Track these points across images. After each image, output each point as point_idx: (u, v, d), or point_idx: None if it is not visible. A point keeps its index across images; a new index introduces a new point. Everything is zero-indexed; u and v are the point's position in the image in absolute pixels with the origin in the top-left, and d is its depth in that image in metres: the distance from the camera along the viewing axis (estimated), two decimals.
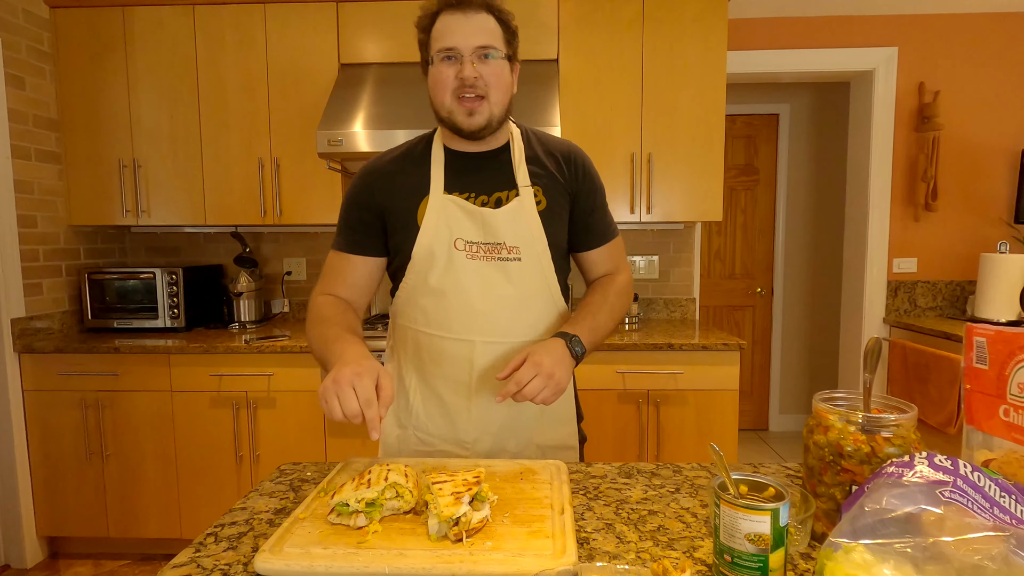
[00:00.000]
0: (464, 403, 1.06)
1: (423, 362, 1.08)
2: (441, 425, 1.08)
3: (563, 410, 1.13)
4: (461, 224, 1.01)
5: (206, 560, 0.70)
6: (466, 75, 0.94)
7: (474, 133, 0.99)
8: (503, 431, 1.08)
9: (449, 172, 1.04)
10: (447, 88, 0.97)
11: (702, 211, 2.38)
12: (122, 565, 2.29)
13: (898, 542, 0.53)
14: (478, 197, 1.03)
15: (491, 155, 1.06)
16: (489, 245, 1.01)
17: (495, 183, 1.04)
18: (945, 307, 2.86)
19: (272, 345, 2.16)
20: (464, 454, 1.08)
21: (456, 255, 1.01)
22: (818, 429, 0.73)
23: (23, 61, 2.27)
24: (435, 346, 1.05)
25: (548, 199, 1.05)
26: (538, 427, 1.11)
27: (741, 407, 3.71)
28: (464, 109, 0.97)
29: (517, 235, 1.02)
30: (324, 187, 2.41)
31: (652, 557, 0.70)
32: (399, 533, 0.73)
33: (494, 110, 0.99)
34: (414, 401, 1.10)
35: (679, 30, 2.32)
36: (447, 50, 0.96)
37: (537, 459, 1.10)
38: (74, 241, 2.52)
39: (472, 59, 0.95)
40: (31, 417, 2.23)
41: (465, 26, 0.94)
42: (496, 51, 0.97)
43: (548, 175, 1.06)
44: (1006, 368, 0.69)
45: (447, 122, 1.00)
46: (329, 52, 2.37)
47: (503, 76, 0.98)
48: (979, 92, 2.76)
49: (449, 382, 1.06)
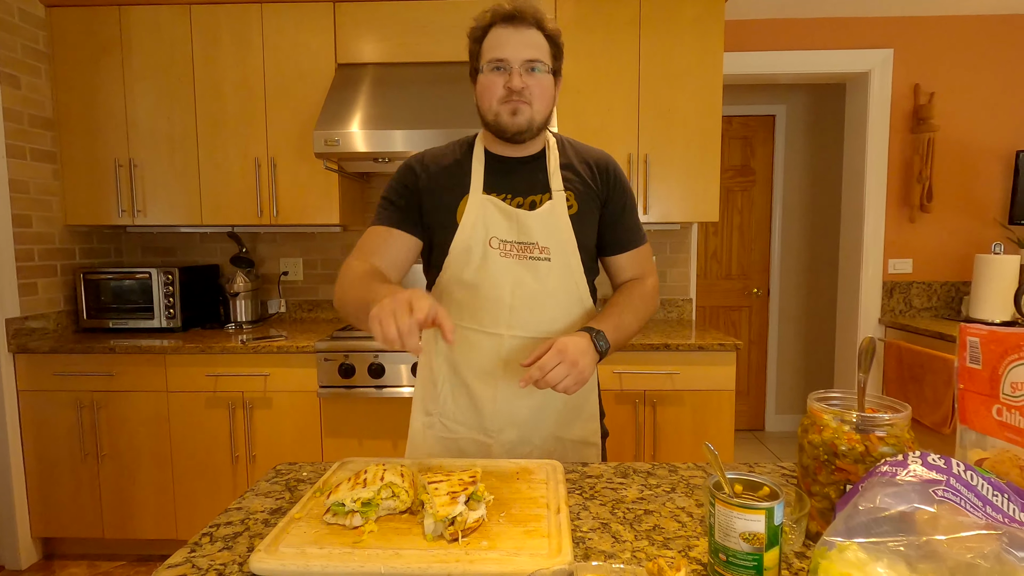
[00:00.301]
0: (491, 393, 1.09)
1: (454, 353, 1.11)
2: (468, 414, 1.12)
3: (587, 406, 1.17)
4: (497, 223, 1.06)
5: (201, 560, 0.70)
6: (514, 84, 1.01)
7: (516, 134, 1.05)
8: (528, 423, 1.11)
9: (488, 174, 1.10)
10: (494, 95, 1.03)
11: (699, 212, 2.39)
12: (117, 566, 2.28)
13: (892, 541, 0.53)
14: (514, 199, 1.08)
15: (528, 160, 1.11)
16: (522, 244, 1.07)
17: (530, 186, 1.09)
18: (940, 308, 2.87)
19: (268, 345, 2.16)
20: (488, 443, 1.11)
21: (490, 252, 1.06)
22: (813, 428, 0.74)
23: (19, 60, 2.26)
24: (466, 338, 1.09)
25: (579, 204, 1.10)
26: (563, 422, 1.14)
27: (737, 407, 3.72)
28: (509, 108, 1.03)
29: (548, 236, 1.07)
30: (321, 187, 2.41)
31: (648, 556, 0.70)
32: (395, 533, 0.73)
33: (536, 116, 1.05)
34: (442, 390, 1.13)
35: (676, 32, 2.32)
36: (497, 60, 1.02)
37: (560, 454, 1.13)
38: (70, 241, 2.51)
39: (520, 70, 1.01)
40: (26, 417, 2.22)
41: (516, 39, 1.01)
42: (543, 64, 1.03)
43: (580, 181, 1.11)
44: (999, 368, 0.69)
45: (492, 125, 1.06)
46: (326, 52, 2.37)
47: (547, 88, 1.05)
48: (974, 94, 2.77)
49: (477, 373, 1.10)
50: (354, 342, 2.14)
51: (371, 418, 2.16)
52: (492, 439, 1.11)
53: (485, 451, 1.12)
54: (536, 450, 1.13)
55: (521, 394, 1.09)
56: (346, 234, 2.79)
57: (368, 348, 2.13)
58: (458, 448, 1.13)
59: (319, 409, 2.17)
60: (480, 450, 1.12)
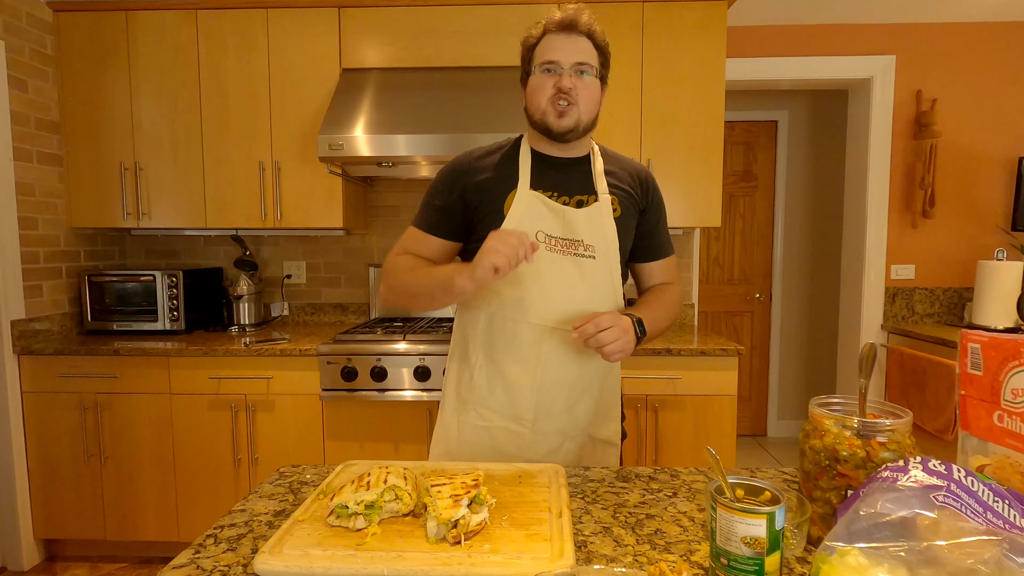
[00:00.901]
0: (529, 382, 1.11)
1: (493, 342, 1.13)
2: (503, 402, 1.13)
3: (615, 408, 1.20)
4: (544, 218, 1.10)
5: (206, 561, 0.71)
6: (563, 84, 1.06)
7: (562, 134, 1.09)
8: (563, 416, 1.13)
9: (535, 171, 1.13)
10: (545, 94, 1.07)
11: (701, 217, 2.39)
12: (119, 568, 2.28)
13: (893, 546, 0.53)
14: (560, 197, 1.12)
15: (574, 162, 1.15)
16: (568, 241, 1.10)
17: (577, 187, 1.13)
18: (943, 314, 2.87)
19: (271, 348, 2.16)
20: (522, 432, 1.12)
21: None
22: (814, 434, 0.74)
23: (26, 64, 2.28)
24: (508, 328, 1.11)
25: (622, 208, 1.15)
26: (594, 420, 1.16)
27: (739, 413, 3.71)
28: (556, 111, 1.07)
29: (593, 235, 1.11)
30: (325, 191, 2.42)
31: (649, 560, 0.70)
32: (398, 535, 0.73)
33: (582, 117, 1.09)
34: (478, 378, 1.14)
35: (679, 37, 2.33)
36: (549, 63, 1.07)
37: (590, 451, 1.16)
38: (74, 243, 2.52)
39: (570, 72, 1.06)
40: (30, 419, 2.23)
41: (568, 44, 1.07)
42: (592, 69, 1.08)
43: (623, 189, 1.16)
44: (1000, 374, 0.69)
45: (539, 124, 1.10)
46: (330, 57, 2.39)
47: (594, 91, 1.10)
48: (976, 100, 2.78)
49: (517, 363, 1.11)
50: (357, 345, 2.14)
51: (373, 421, 2.17)
52: (526, 428, 1.12)
53: (518, 440, 1.12)
54: (569, 442, 1.14)
55: (558, 385, 1.10)
56: (349, 238, 2.80)
57: (371, 352, 2.13)
58: (490, 436, 1.13)
59: (321, 412, 2.18)
60: (513, 439, 1.12)
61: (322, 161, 2.22)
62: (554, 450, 1.13)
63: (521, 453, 1.11)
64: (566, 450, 1.14)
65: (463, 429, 1.15)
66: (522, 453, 1.11)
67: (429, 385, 2.13)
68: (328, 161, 2.23)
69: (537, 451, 1.12)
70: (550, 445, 1.12)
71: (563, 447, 1.13)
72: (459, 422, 1.16)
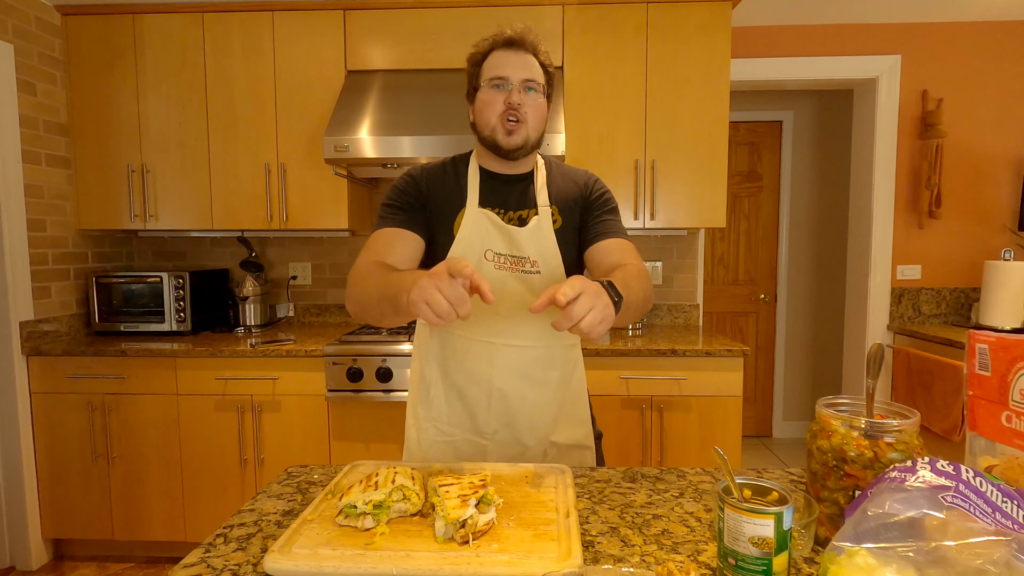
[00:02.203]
0: (484, 397, 1.13)
1: (447, 359, 1.15)
2: (462, 417, 1.15)
3: (578, 412, 1.20)
4: (492, 237, 1.11)
5: (216, 560, 0.71)
6: (513, 100, 1.07)
7: (511, 152, 1.10)
8: (521, 426, 1.14)
9: (483, 188, 1.15)
10: (495, 110, 1.09)
11: (706, 218, 2.39)
12: (126, 568, 2.30)
13: (901, 546, 0.54)
14: (506, 213, 1.13)
15: (519, 178, 1.17)
16: (515, 258, 1.11)
17: (520, 202, 1.15)
18: (949, 314, 2.86)
19: (277, 349, 2.17)
20: (484, 443, 1.14)
21: (485, 264, 1.10)
22: (821, 434, 0.74)
23: (35, 67, 2.30)
24: (460, 346, 1.13)
25: (563, 218, 1.15)
26: (556, 427, 1.17)
27: (745, 414, 3.70)
28: (505, 129, 1.09)
29: (536, 251, 1.12)
30: (330, 193, 2.43)
31: (657, 560, 0.70)
32: (406, 535, 0.73)
33: (531, 135, 1.10)
34: (435, 395, 1.16)
35: (683, 38, 2.33)
36: (498, 79, 1.08)
37: (554, 457, 1.16)
38: (82, 245, 2.54)
39: (519, 88, 1.08)
40: (38, 419, 2.25)
41: (515, 60, 1.08)
42: (539, 86, 1.10)
43: (564, 195, 1.17)
44: (1008, 375, 0.69)
45: (488, 140, 1.11)
46: (336, 59, 2.40)
47: (541, 108, 1.12)
48: (982, 100, 2.76)
49: (471, 378, 1.13)
50: (362, 346, 2.15)
51: (379, 422, 2.17)
52: (487, 440, 1.15)
53: (481, 452, 1.15)
54: (529, 451, 1.15)
55: (513, 399, 1.12)
56: (354, 239, 2.81)
57: (376, 352, 2.14)
58: (454, 448, 1.16)
59: (327, 413, 2.19)
60: (476, 451, 1.15)
61: (328, 163, 2.23)
62: (515, 458, 1.14)
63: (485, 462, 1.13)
64: (527, 458, 1.15)
65: (425, 446, 1.17)
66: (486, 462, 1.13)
67: None
68: (334, 163, 2.24)
69: (499, 460, 1.14)
70: (511, 453, 1.14)
71: (523, 455, 1.15)
72: (420, 440, 1.17)
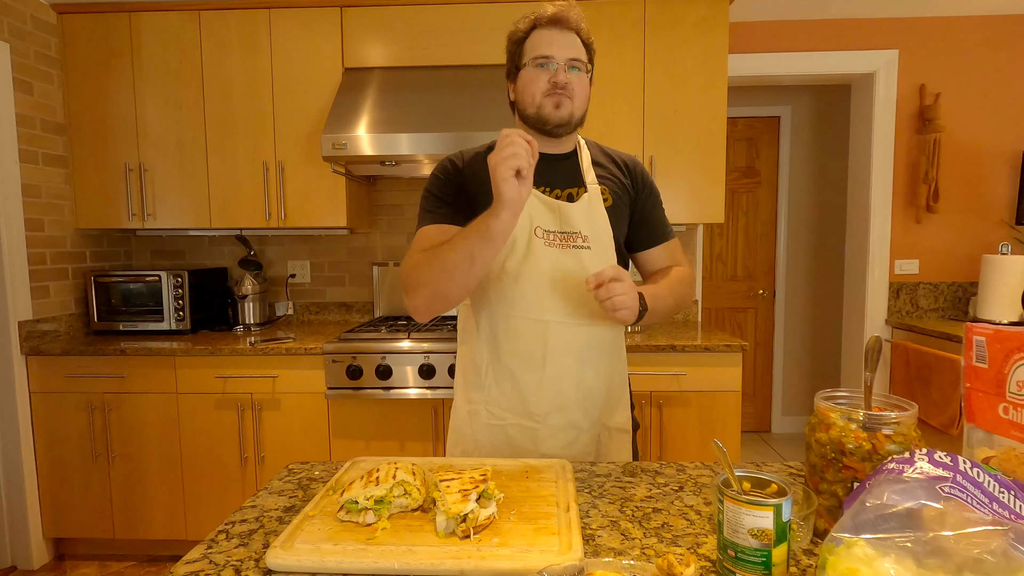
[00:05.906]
0: (536, 379, 1.11)
1: (497, 340, 1.12)
2: (513, 400, 1.12)
3: (624, 395, 1.21)
4: (541, 214, 1.10)
5: (218, 556, 0.71)
6: (560, 80, 1.06)
7: (557, 126, 1.09)
8: (573, 408, 1.12)
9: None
10: (539, 88, 1.08)
11: (704, 213, 2.40)
12: (127, 567, 2.30)
13: (899, 536, 0.54)
14: (552, 191, 1.13)
15: (563, 157, 1.16)
16: (565, 234, 1.10)
17: (567, 181, 1.14)
18: (947, 308, 2.86)
19: (277, 347, 2.17)
20: (535, 427, 1.12)
21: (535, 242, 1.09)
22: (820, 427, 0.74)
23: (31, 66, 2.29)
24: (511, 325, 1.11)
25: (613, 197, 1.16)
26: (606, 408, 1.16)
27: (743, 409, 3.71)
28: (552, 101, 1.08)
29: (588, 226, 1.11)
30: (328, 190, 2.42)
31: (657, 553, 0.71)
32: (407, 530, 0.74)
33: (576, 112, 1.10)
34: (486, 377, 1.14)
35: (681, 34, 2.33)
36: (543, 58, 1.07)
37: (606, 441, 1.15)
38: (80, 244, 2.54)
39: (564, 67, 1.07)
40: (38, 419, 2.25)
41: (560, 39, 1.08)
42: (583, 64, 1.09)
43: (613, 178, 1.17)
44: (1005, 366, 0.70)
45: (533, 117, 1.10)
46: (333, 57, 2.39)
47: (585, 86, 1.11)
48: (980, 94, 2.77)
49: (522, 359, 1.11)
50: (362, 344, 2.15)
51: (379, 419, 2.18)
52: (539, 424, 1.11)
53: (532, 436, 1.12)
54: (584, 434, 1.13)
55: (566, 379, 1.10)
56: (352, 236, 2.81)
57: (376, 350, 2.14)
58: (505, 434, 1.13)
59: (327, 410, 2.19)
60: (527, 435, 1.12)
61: (326, 161, 2.23)
62: (570, 443, 1.12)
63: (536, 448, 1.11)
64: (582, 442, 1.13)
65: (477, 429, 1.15)
66: (537, 448, 1.11)
67: (434, 383, 2.14)
68: (332, 161, 2.24)
69: (552, 445, 1.11)
70: (566, 438, 1.12)
71: (578, 440, 1.13)
72: (472, 423, 1.16)
